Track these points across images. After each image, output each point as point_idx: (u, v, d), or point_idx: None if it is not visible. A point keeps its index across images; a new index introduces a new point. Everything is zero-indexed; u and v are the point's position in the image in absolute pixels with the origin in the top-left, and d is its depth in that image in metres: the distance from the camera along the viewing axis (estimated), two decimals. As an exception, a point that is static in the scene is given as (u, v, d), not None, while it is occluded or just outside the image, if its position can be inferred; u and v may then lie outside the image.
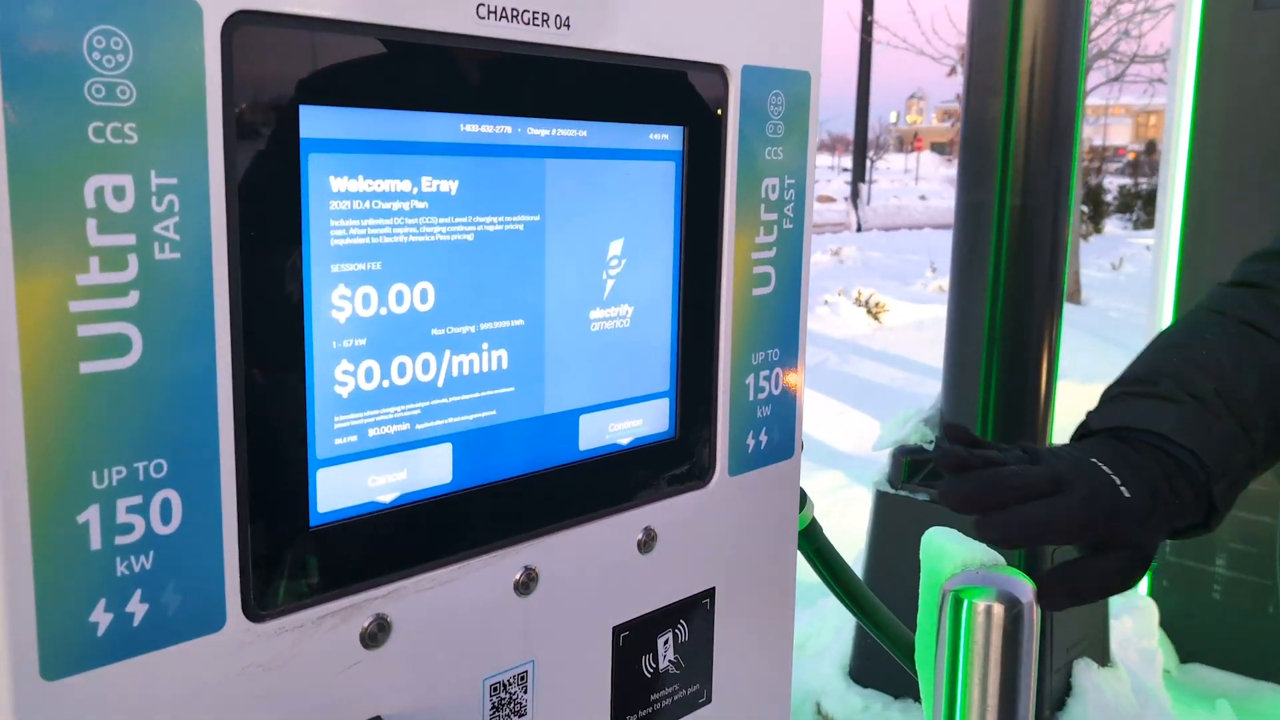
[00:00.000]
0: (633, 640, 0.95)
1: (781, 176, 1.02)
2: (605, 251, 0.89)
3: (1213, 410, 0.85)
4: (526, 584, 0.85)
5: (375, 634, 0.76)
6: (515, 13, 0.78)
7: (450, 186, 0.77)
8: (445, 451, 0.80)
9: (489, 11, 0.76)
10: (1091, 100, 13.82)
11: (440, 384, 0.78)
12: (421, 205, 0.75)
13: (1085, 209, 15.24)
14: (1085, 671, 2.46)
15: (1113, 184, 23.80)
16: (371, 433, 0.75)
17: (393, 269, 0.74)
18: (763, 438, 1.06)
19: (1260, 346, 0.89)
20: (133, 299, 0.61)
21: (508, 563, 0.84)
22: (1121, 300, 11.13)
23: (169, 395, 0.63)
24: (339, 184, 0.70)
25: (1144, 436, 0.86)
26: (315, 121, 0.68)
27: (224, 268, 0.64)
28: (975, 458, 0.90)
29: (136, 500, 0.62)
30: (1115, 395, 0.93)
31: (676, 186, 0.93)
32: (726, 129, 0.95)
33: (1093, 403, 1.01)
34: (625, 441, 0.93)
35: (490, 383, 0.82)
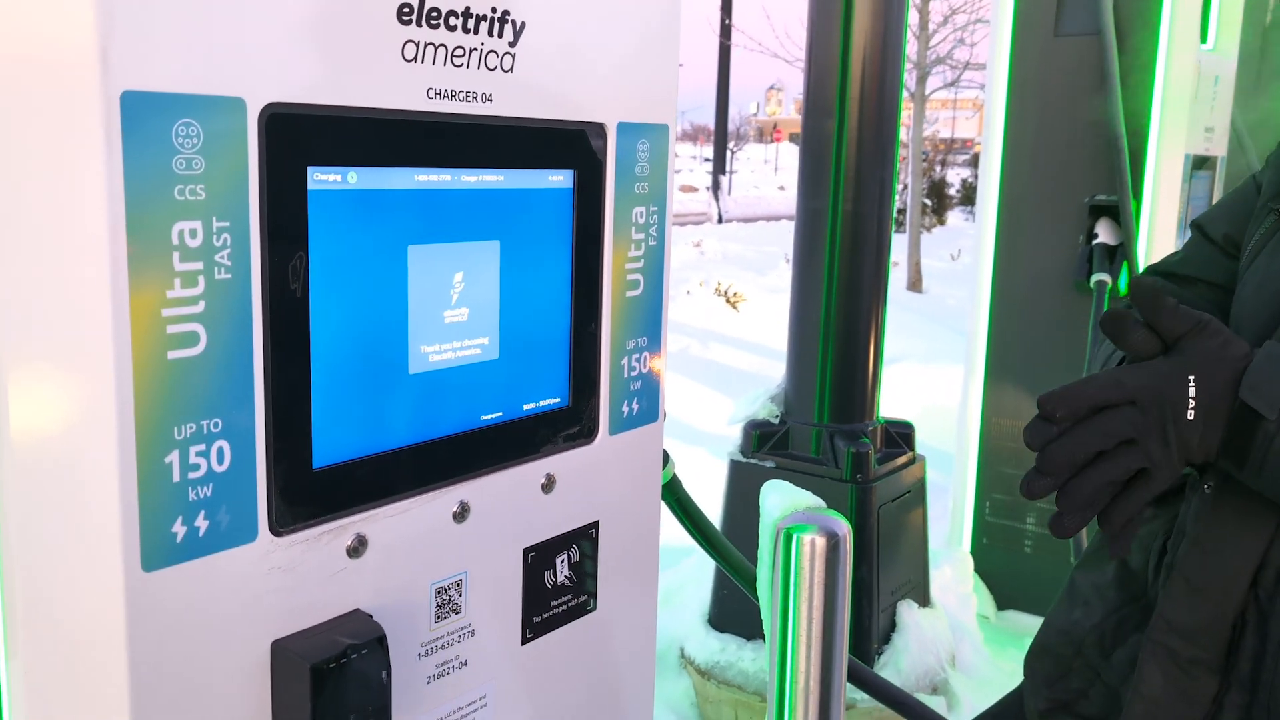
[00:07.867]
0: (538, 559, 1.25)
1: (647, 205, 1.33)
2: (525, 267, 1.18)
3: None
4: (462, 514, 1.14)
5: (357, 548, 1.03)
6: (452, 92, 1.06)
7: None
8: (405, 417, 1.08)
9: (435, 93, 1.05)
10: (942, 94, 14.69)
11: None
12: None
13: (929, 203, 16.14)
14: (908, 611, 2.87)
15: (958, 176, 25.08)
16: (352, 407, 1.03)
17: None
18: (634, 406, 1.37)
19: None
20: (201, 306, 0.87)
21: (448, 498, 1.13)
22: (958, 289, 11.90)
23: (224, 375, 0.90)
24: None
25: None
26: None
27: (259, 285, 0.91)
28: None
29: (201, 447, 0.89)
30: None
31: (569, 215, 1.23)
32: (606, 170, 1.26)
33: (928, 380, 1.34)
34: (531, 408, 1.23)
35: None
